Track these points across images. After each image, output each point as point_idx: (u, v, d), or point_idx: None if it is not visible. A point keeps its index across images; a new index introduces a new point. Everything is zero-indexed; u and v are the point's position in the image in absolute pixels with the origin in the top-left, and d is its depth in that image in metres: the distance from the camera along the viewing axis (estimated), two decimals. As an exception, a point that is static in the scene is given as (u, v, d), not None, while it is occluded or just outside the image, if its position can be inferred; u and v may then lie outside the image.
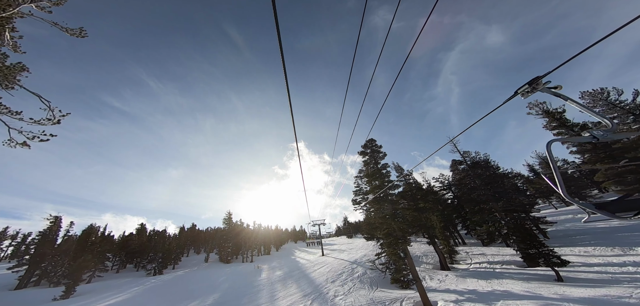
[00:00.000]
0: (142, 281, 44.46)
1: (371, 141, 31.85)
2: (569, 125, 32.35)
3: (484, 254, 34.56)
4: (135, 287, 40.15)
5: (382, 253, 30.39)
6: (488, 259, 31.18)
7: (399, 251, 22.35)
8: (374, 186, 28.10)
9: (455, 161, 33.65)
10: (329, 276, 34.93)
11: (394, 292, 24.69)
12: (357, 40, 5.32)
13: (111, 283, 44.66)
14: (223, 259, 70.28)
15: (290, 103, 4.25)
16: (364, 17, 4.65)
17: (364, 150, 31.62)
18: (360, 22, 4.42)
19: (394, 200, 26.71)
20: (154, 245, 55.61)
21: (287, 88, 3.98)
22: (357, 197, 36.02)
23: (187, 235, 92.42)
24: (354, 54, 5.28)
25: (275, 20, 2.84)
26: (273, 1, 2.62)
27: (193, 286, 38.85)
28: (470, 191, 31.03)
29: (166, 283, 41.94)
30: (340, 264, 42.00)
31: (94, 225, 55.34)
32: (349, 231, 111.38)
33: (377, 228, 31.78)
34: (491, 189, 28.93)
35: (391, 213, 24.47)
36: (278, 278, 39.49)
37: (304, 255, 68.95)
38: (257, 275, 43.94)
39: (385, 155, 30.07)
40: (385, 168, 29.11)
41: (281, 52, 3.16)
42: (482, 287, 20.41)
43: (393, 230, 23.72)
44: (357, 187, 37.19)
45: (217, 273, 49.66)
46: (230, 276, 44.43)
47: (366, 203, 34.47)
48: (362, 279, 30.84)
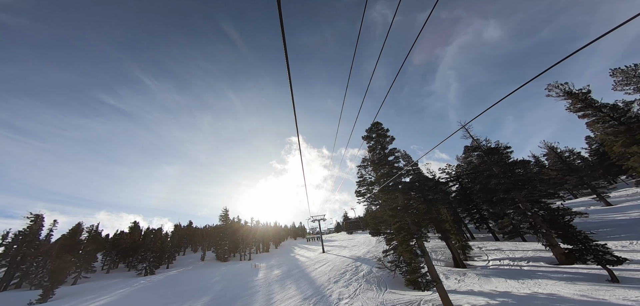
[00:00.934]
0: (130, 282, 40.88)
1: (377, 124, 28.24)
2: (597, 105, 28.79)
3: (500, 249, 31.11)
4: (122, 289, 36.58)
5: (390, 250, 26.89)
6: (507, 255, 27.71)
7: (415, 247, 18.79)
8: (381, 174, 24.51)
9: (469, 147, 30.17)
10: (331, 275, 31.42)
11: (406, 294, 21.20)
12: (357, 37, 5.06)
13: (98, 284, 41.08)
14: (220, 257, 66.76)
15: (292, 98, 4.24)
16: (364, 14, 4.36)
17: (369, 135, 28.01)
18: (361, 19, 4.28)
19: (405, 190, 23.16)
20: (146, 243, 51.97)
21: (290, 84, 3.84)
22: (361, 188, 32.45)
23: (184, 233, 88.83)
24: (354, 50, 5.05)
25: (279, 17, 2.80)
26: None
27: (183, 287, 35.30)
28: (487, 180, 27.56)
29: (155, 284, 38.37)
30: (343, 262, 38.50)
31: (82, 223, 51.67)
32: (349, 227, 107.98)
33: (383, 222, 28.15)
34: (512, 177, 25.42)
35: (403, 204, 20.98)
36: (276, 278, 35.97)
37: (304, 252, 65.51)
38: (253, 274, 40.42)
39: (393, 140, 26.46)
40: (393, 153, 25.52)
41: (285, 47, 3.20)
42: (515, 289, 16.91)
43: (406, 224, 20.18)
44: (361, 177, 33.62)
45: (211, 272, 46.12)
46: (224, 276, 40.89)
47: (371, 195, 30.89)
48: (368, 279, 27.33)
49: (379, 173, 24.74)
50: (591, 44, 2.76)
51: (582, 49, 2.96)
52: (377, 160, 25.75)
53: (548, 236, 21.52)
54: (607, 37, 12.44)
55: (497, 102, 4.05)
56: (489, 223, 38.74)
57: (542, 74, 3.34)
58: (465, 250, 30.43)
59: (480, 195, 35.11)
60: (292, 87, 3.93)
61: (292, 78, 3.79)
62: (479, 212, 40.87)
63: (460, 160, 46.63)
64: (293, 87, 3.97)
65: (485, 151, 28.63)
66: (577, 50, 3.01)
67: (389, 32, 4.60)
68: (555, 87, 31.67)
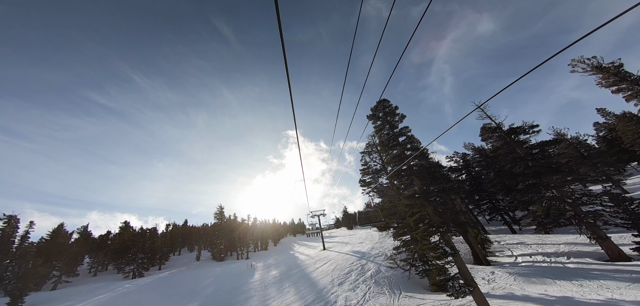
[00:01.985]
0: (114, 286, 36.74)
1: (383, 102, 24.23)
2: (633, 79, 24.97)
3: (524, 243, 27.34)
4: (103, 294, 32.44)
5: (402, 246, 22.98)
6: (535, 250, 23.91)
7: (440, 243, 14.85)
8: (392, 157, 20.57)
9: (487, 128, 26.33)
10: (334, 276, 27.48)
11: (427, 298, 17.31)
12: (354, 32, 4.86)
13: (78, 289, 36.92)
14: (216, 257, 62.68)
15: (290, 91, 4.03)
16: (361, 9, 4.24)
17: (375, 114, 24.00)
18: (358, 15, 4.28)
19: (423, 174, 19.19)
20: (136, 244, 47.75)
21: (288, 77, 3.78)
22: (366, 177, 28.47)
23: (179, 232, 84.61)
24: (351, 45, 5.25)
25: (276, 12, 2.78)
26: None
27: (171, 291, 31.25)
28: (511, 163, 23.74)
29: (141, 288, 34.26)
30: (346, 260, 34.58)
31: (64, 224, 47.30)
32: (350, 222, 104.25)
33: (394, 214, 24.21)
34: (543, 159, 21.60)
35: (422, 190, 17.09)
36: (273, 279, 31.97)
37: (304, 249, 61.59)
38: (249, 275, 36.40)
39: (404, 117, 22.46)
40: (404, 133, 21.56)
41: (282, 41, 3.07)
42: (575, 292, 13.04)
43: (426, 214, 16.27)
44: (365, 165, 29.63)
45: (204, 273, 42.07)
46: (218, 278, 36.86)
47: (377, 184, 26.96)
48: (377, 280, 23.41)
49: (389, 156, 20.80)
50: (584, 38, 2.79)
51: (575, 42, 2.99)
52: (386, 141, 21.77)
53: (594, 227, 17.68)
54: (598, 31, 10.52)
55: (512, 82, 3.82)
56: (503, 214, 34.95)
57: (536, 68, 3.41)
58: (484, 244, 26.61)
59: (496, 183, 31.23)
60: (290, 81, 3.85)
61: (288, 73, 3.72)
62: (492, 202, 37.07)
63: (469, 147, 42.79)
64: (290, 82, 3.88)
65: (507, 132, 24.74)
66: (570, 44, 3.05)
67: (380, 23, 3.98)
68: (580, 62, 27.85)
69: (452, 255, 13.78)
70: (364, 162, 29.39)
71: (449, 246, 14.36)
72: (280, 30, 2.92)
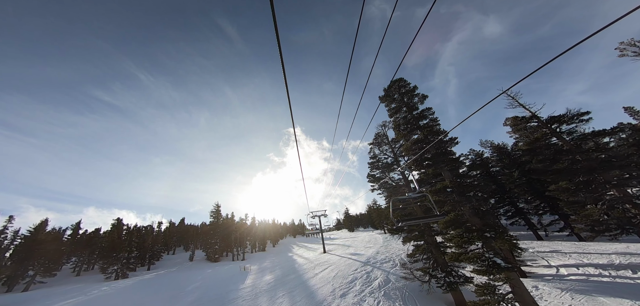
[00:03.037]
0: (90, 289, 32.62)
1: (399, 81, 20.05)
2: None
3: (559, 251, 22.94)
4: (72, 298, 28.29)
5: (417, 253, 18.69)
6: (581, 261, 19.53)
7: (487, 253, 10.60)
8: (412, 142, 16.36)
9: (523, 118, 21.95)
10: (335, 284, 23.20)
11: (459, 323, 13.07)
12: (356, 33, 4.57)
13: (50, 291, 32.82)
14: (210, 258, 58.45)
15: (287, 89, 3.94)
16: (363, 9, 3.80)
17: (389, 95, 19.79)
18: (359, 16, 4.05)
19: (454, 165, 14.95)
20: (122, 243, 43.62)
21: (284, 76, 3.73)
22: (375, 172, 24.20)
23: (174, 231, 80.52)
24: (353, 46, 4.70)
25: (272, 10, 2.74)
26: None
27: (147, 296, 27.06)
28: (553, 158, 19.49)
29: (117, 292, 30.11)
30: (349, 265, 30.28)
31: (47, 220, 43.28)
32: (351, 224, 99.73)
33: (409, 213, 19.92)
34: (596, 152, 17.30)
35: (456, 184, 12.83)
36: (266, 286, 27.70)
37: (303, 251, 57.21)
38: (240, 280, 32.12)
39: (425, 98, 18.25)
40: (427, 115, 17.35)
41: (278, 39, 3.04)
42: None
43: (462, 216, 12.06)
44: (373, 158, 25.36)
45: (193, 276, 37.85)
46: (205, 282, 32.62)
47: (387, 179, 22.75)
48: (387, 292, 19.10)
49: (408, 142, 16.60)
50: (591, 39, 2.66)
51: (579, 43, 2.73)
52: (403, 125, 17.56)
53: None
54: (606, 33, 8.02)
55: (518, 81, 3.46)
56: (529, 218, 30.50)
57: (541, 68, 3.26)
58: (513, 252, 22.22)
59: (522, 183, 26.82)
60: (287, 80, 3.75)
61: (289, 74, 2.43)
62: (514, 204, 32.62)
63: (485, 145, 38.41)
64: (288, 80, 3.95)
65: (547, 121, 20.42)
66: (574, 45, 2.77)
67: (388, 27, 4.12)
68: (630, 45, 23.58)
69: (507, 269, 9.53)
70: (373, 155, 25.18)
71: (502, 260, 10.13)
72: (275, 23, 2.85)
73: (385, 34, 4.34)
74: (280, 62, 3.39)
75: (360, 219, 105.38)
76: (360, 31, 4.00)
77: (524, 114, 22.68)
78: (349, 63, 5.28)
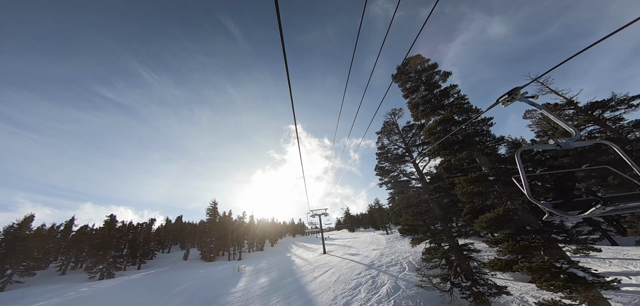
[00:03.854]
0: (69, 290, 29.64)
1: (416, 58, 17.06)
2: None
3: (596, 257, 19.93)
4: (48, 300, 25.32)
5: (438, 257, 15.66)
6: (626, 268, 16.51)
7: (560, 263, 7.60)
8: (435, 124, 13.37)
9: (555, 105, 18.93)
10: (337, 291, 20.18)
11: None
12: (358, 33, 4.64)
13: (28, 291, 29.90)
14: (205, 257, 55.44)
15: (289, 88, 3.92)
16: (365, 10, 3.88)
17: (404, 72, 16.80)
18: (361, 17, 4.02)
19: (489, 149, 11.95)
20: (110, 241, 40.62)
21: (287, 73, 3.72)
22: (384, 164, 21.19)
23: (170, 229, 77.53)
24: (354, 46, 4.80)
25: (276, 9, 2.67)
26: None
27: (126, 301, 24.05)
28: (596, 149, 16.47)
29: (96, 294, 27.10)
30: (351, 269, 27.27)
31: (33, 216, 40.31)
32: (352, 225, 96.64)
33: (426, 210, 16.86)
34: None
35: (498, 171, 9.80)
36: (260, 290, 24.65)
37: (302, 252, 54.16)
38: (231, 283, 29.08)
39: (449, 75, 15.28)
40: (452, 93, 14.35)
41: (281, 37, 2.94)
42: None
43: (508, 212, 9.08)
44: (382, 148, 22.33)
45: (183, 276, 34.86)
46: (195, 283, 29.61)
47: (398, 173, 19.78)
48: (397, 300, 16.08)
49: (431, 123, 13.59)
50: (598, 43, 2.67)
51: (584, 50, 2.86)
52: (423, 105, 14.55)
53: None
54: (614, 36, 6.71)
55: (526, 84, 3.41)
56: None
57: (547, 73, 3.52)
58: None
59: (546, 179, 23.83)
60: (289, 77, 3.80)
61: (292, 72, 3.00)
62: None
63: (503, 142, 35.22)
64: (291, 78, 4.09)
65: (586, 107, 17.35)
66: (582, 50, 2.91)
67: (390, 27, 4.15)
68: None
69: (605, 284, 6.53)
70: (381, 145, 22.16)
71: (582, 270, 7.14)
72: (279, 20, 2.78)
73: (387, 34, 4.24)
74: (282, 61, 3.07)
75: (361, 219, 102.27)
76: (363, 30, 3.93)
77: (557, 101, 19.66)
78: (350, 62, 5.29)
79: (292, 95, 4.06)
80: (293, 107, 4.69)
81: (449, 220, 14.27)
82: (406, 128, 21.37)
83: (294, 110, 4.76)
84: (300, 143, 4.84)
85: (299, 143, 5.63)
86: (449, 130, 12.00)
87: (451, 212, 15.33)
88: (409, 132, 21.18)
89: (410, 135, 20.80)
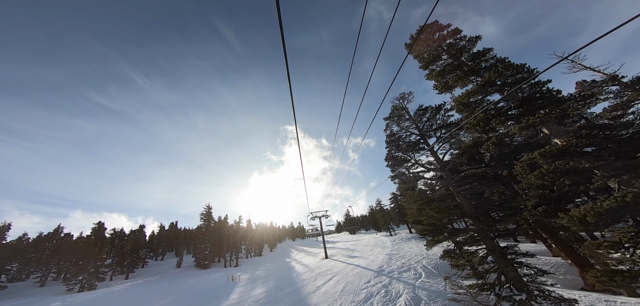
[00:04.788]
0: (40, 304, 26.18)
1: (433, 24, 14.20)
2: None
3: None
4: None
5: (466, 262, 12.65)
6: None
7: None
8: (467, 94, 10.49)
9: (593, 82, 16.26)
10: (344, 303, 17.05)
11: None
12: (358, 36, 4.85)
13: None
14: (199, 264, 51.98)
15: (290, 87, 3.91)
16: (364, 13, 3.88)
17: (421, 40, 13.91)
18: (361, 20, 3.81)
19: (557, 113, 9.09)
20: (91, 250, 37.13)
21: (288, 72, 3.70)
22: (397, 152, 18.23)
23: (164, 235, 73.83)
24: (354, 48, 4.78)
25: (277, 11, 2.69)
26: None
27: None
28: None
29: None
30: (358, 275, 24.15)
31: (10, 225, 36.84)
32: (353, 227, 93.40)
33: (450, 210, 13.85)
34: None
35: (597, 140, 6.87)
36: (254, 303, 21.40)
37: (302, 256, 50.87)
38: (224, 294, 25.79)
39: (479, 39, 12.43)
40: (488, 57, 11.48)
41: (282, 40, 3.02)
42: None
43: (629, 197, 6.20)
44: (391, 136, 19.40)
45: (172, 287, 31.50)
46: (182, 295, 26.28)
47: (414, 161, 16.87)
48: (425, 320, 12.99)
49: (462, 93, 10.68)
50: (588, 40, 2.05)
51: (581, 49, 2.94)
52: (450, 72, 11.62)
53: None
54: (606, 34, 5.24)
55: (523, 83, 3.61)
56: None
57: (544, 72, 3.34)
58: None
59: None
60: (291, 79, 3.75)
61: (290, 74, 3.68)
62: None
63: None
64: (291, 82, 3.75)
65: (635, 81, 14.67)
66: (576, 51, 3.06)
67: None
68: None
69: None
70: (391, 132, 19.21)
71: None
72: (280, 19, 2.76)
73: (386, 40, 4.09)
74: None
75: (362, 221, 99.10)
76: (357, 32, 4.33)
77: (594, 77, 16.87)
78: (351, 64, 5.52)
79: (292, 93, 3.94)
80: (293, 109, 4.75)
81: (486, 215, 11.28)
82: (419, 112, 18.45)
83: (294, 111, 4.76)
84: (299, 144, 3.68)
85: (298, 140, 5.59)
86: (475, 108, 9.09)
87: (486, 207, 12.35)
88: (422, 117, 18.26)
89: (425, 120, 17.87)
